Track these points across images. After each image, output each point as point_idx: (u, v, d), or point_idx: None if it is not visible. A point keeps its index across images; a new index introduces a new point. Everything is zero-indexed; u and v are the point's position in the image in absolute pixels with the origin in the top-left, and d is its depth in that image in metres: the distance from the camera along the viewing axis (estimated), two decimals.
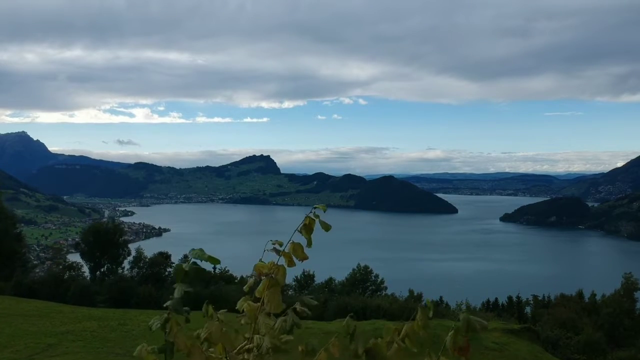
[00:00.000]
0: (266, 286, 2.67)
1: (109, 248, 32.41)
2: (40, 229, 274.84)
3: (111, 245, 32.50)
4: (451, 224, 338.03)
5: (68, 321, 21.39)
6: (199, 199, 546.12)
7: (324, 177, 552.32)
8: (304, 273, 43.64)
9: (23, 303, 25.80)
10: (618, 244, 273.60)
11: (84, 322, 21.02)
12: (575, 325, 28.12)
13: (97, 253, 32.49)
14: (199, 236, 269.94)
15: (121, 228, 35.50)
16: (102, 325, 20.43)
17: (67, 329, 19.68)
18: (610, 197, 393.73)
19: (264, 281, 2.66)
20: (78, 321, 21.32)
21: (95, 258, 32.53)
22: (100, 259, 32.62)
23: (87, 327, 20.15)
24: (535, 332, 18.93)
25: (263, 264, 2.73)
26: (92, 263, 32.63)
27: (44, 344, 17.84)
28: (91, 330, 19.58)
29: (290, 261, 2.72)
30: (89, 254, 32.56)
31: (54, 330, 19.74)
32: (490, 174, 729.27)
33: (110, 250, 32.45)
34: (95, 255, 32.48)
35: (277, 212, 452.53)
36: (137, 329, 19.97)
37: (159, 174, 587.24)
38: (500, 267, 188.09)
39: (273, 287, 2.68)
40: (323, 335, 17.40)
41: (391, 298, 31.06)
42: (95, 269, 32.70)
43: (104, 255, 32.59)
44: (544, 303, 45.30)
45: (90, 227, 33.82)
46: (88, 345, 17.93)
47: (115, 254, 32.59)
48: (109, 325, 20.44)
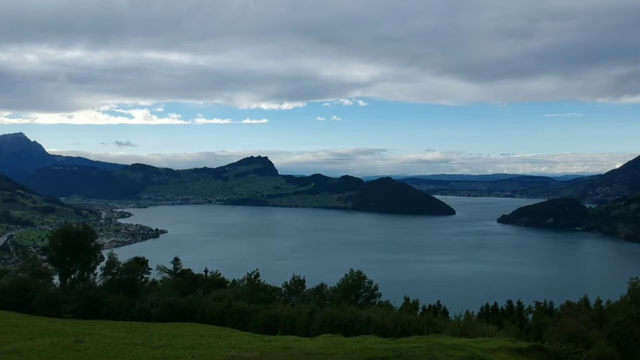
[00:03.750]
0: None
1: (80, 253, 30.09)
2: (36, 231, 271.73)
3: (82, 249, 30.17)
4: (448, 226, 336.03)
5: (20, 337, 19.01)
6: (196, 200, 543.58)
7: (322, 179, 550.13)
8: (294, 278, 41.32)
9: None
10: (615, 245, 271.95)
11: (37, 339, 18.62)
12: (585, 337, 25.95)
13: (67, 258, 30.18)
14: (196, 238, 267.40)
15: (93, 231, 33.10)
16: (55, 342, 18.01)
17: (14, 348, 17.27)
18: (608, 199, 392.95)
19: None
20: (30, 337, 18.93)
21: (65, 264, 30.22)
22: (71, 264, 30.31)
23: (38, 344, 17.74)
24: (545, 352, 16.64)
25: None
26: (62, 269, 30.30)
27: None
28: (39, 349, 17.13)
29: None
30: (58, 260, 30.23)
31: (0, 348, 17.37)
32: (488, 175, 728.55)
33: (82, 255, 30.14)
34: (65, 261, 30.17)
35: (274, 213, 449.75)
36: (93, 347, 17.57)
37: (156, 176, 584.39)
38: (498, 269, 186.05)
39: None
40: (303, 357, 15.07)
41: (384, 308, 28.77)
42: (65, 275, 30.35)
43: (74, 261, 30.28)
44: (546, 309, 43.07)
45: (60, 230, 31.42)
46: None
47: (86, 259, 30.27)
48: (62, 342, 18.02)
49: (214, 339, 19.51)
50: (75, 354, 16.75)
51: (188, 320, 25.25)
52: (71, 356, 16.59)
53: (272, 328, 23.41)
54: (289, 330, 22.52)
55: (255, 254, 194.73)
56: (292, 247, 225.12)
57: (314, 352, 15.38)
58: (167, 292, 28.36)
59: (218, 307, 25.66)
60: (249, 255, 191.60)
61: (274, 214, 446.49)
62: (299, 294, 39.69)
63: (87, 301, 25.82)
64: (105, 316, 25.55)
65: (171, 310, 25.46)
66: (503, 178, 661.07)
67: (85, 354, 16.71)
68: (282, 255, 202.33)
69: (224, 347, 16.96)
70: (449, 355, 14.50)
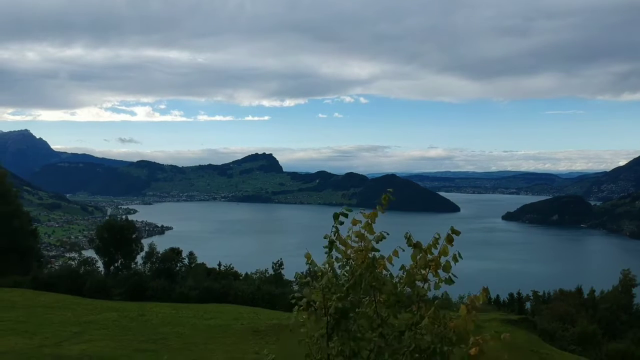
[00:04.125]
0: None
1: (123, 244, 33.59)
2: (43, 227, 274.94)
3: (125, 241, 33.68)
4: (453, 223, 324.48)
5: (89, 312, 22.55)
6: (201, 197, 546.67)
7: (326, 176, 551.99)
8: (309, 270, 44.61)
9: (43, 295, 26.95)
10: (620, 242, 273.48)
11: (105, 313, 22.16)
12: (573, 318, 29.09)
13: (111, 249, 33.68)
14: (202, 234, 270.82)
15: (134, 225, 36.68)
16: (122, 315, 21.59)
17: (90, 319, 20.82)
18: (613, 196, 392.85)
19: None
20: (98, 312, 22.47)
21: (110, 253, 33.72)
22: (115, 254, 33.81)
23: (109, 317, 21.29)
24: (532, 323, 19.97)
25: None
26: (107, 258, 33.82)
27: (70, 332, 18.98)
28: (112, 320, 20.73)
29: None
30: (103, 250, 33.74)
31: (77, 320, 20.88)
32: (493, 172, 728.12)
33: (124, 246, 33.62)
34: (110, 251, 33.67)
35: (280, 210, 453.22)
36: (155, 319, 21.11)
37: (161, 172, 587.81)
38: (503, 266, 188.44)
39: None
40: None
41: None
42: (109, 264, 33.88)
43: (117, 251, 33.77)
44: (543, 299, 46.31)
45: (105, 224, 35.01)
46: (111, 333, 19.07)
47: (129, 250, 33.76)
48: (128, 315, 21.59)
49: (252, 314, 23.01)
50: (143, 324, 20.29)
51: (223, 302, 28.74)
52: (140, 325, 20.12)
53: None
54: None
55: (262, 250, 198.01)
56: (298, 244, 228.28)
57: None
58: (201, 278, 31.87)
59: (249, 289, 29.13)
60: (255, 251, 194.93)
61: (279, 211, 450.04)
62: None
63: (133, 285, 29.33)
64: (150, 298, 29.05)
65: (208, 293, 28.98)
66: (507, 175, 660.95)
67: (151, 323, 20.24)
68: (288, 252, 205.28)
69: (264, 318, 20.42)
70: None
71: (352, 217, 3.87)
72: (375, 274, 3.51)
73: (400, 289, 3.54)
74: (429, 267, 3.61)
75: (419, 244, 3.54)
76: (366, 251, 3.49)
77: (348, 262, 3.66)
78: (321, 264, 3.90)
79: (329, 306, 3.42)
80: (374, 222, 3.75)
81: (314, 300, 3.51)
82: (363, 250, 3.52)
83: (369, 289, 3.51)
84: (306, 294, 3.51)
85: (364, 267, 3.52)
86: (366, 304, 3.55)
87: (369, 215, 3.71)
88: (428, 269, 3.60)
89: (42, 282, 30.19)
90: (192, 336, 19.20)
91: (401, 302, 3.52)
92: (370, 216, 3.70)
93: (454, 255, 3.78)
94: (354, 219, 3.80)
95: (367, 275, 3.49)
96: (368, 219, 3.70)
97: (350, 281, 3.52)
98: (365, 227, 3.68)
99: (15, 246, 35.19)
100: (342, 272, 3.74)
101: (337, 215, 3.69)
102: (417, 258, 3.55)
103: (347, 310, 3.41)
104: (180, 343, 18.32)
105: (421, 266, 3.52)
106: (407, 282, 3.59)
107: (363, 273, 3.50)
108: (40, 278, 30.88)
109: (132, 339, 18.39)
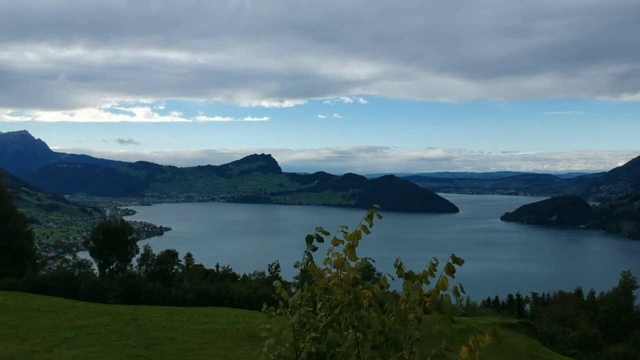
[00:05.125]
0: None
1: (118, 246, 33.26)
2: (41, 228, 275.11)
3: (120, 243, 33.35)
4: (452, 223, 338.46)
5: (82, 316, 22.16)
6: (200, 198, 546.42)
7: (325, 176, 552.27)
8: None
9: (37, 299, 26.53)
10: (619, 243, 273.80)
11: (98, 317, 21.78)
12: (573, 321, 28.81)
13: (106, 251, 33.34)
14: (201, 235, 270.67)
15: (130, 226, 36.37)
16: (116, 319, 21.21)
17: (82, 324, 20.45)
18: (612, 197, 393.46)
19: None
20: (92, 316, 22.09)
21: (105, 256, 33.37)
22: (110, 256, 33.46)
23: (101, 321, 20.92)
24: (532, 327, 19.66)
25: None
26: (101, 260, 33.47)
27: (62, 337, 18.61)
28: (105, 324, 20.37)
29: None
30: (98, 252, 33.41)
31: (69, 324, 20.51)
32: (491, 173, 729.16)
33: (119, 248, 33.29)
34: (105, 253, 33.32)
35: (279, 211, 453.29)
36: (149, 323, 20.75)
37: (160, 173, 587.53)
38: (501, 267, 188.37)
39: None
40: None
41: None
42: (104, 266, 33.53)
43: (113, 253, 33.43)
44: (543, 301, 46.02)
45: (100, 226, 34.71)
46: (104, 339, 18.71)
47: (124, 252, 33.42)
48: (122, 319, 21.22)
49: (248, 317, 22.65)
50: (136, 328, 19.92)
51: (219, 305, 28.39)
52: (133, 329, 19.76)
53: None
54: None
55: (261, 251, 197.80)
56: (297, 244, 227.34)
57: None
58: (198, 281, 31.53)
59: (246, 292, 28.81)
60: (254, 252, 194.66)
61: (278, 212, 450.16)
62: None
63: (128, 288, 28.97)
64: (145, 301, 28.67)
65: (204, 296, 28.65)
66: (506, 176, 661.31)
67: (144, 327, 19.88)
68: (288, 252, 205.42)
69: (261, 323, 20.03)
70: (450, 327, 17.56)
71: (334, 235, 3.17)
72: (358, 314, 2.76)
73: (389, 326, 2.77)
74: (423, 304, 2.84)
75: (412, 275, 2.85)
76: (347, 284, 2.79)
77: (325, 297, 2.88)
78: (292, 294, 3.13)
79: (301, 349, 2.76)
80: (356, 244, 2.98)
81: (284, 337, 2.85)
82: (343, 282, 2.82)
83: (350, 329, 2.75)
84: (274, 332, 2.86)
85: (344, 305, 2.74)
86: (347, 345, 2.75)
87: (352, 236, 2.92)
88: (423, 306, 2.86)
89: (37, 284, 29.81)
90: (186, 341, 18.86)
91: (390, 340, 2.76)
92: (353, 237, 2.92)
93: (454, 288, 3.01)
94: (334, 238, 3.07)
95: (349, 315, 2.74)
96: (350, 241, 2.92)
97: (328, 319, 2.79)
98: (347, 251, 2.91)
99: (9, 248, 34.85)
100: (319, 305, 2.98)
101: (310, 238, 2.98)
102: (409, 291, 2.85)
103: (322, 355, 2.69)
104: (173, 348, 17.98)
105: (414, 302, 2.83)
106: (397, 319, 2.86)
107: (343, 312, 2.76)
108: (34, 280, 30.50)
109: (124, 344, 18.05)
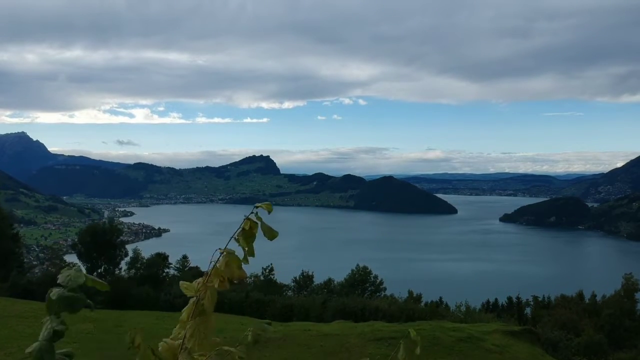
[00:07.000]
0: (190, 314, 1.88)
1: (106, 249, 32.27)
2: (39, 230, 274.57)
3: (108, 246, 32.36)
4: (451, 224, 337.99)
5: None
6: (198, 199, 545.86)
7: (324, 178, 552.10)
8: (302, 274, 43.44)
9: (19, 304, 25.55)
10: (618, 244, 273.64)
11: (79, 324, 20.77)
12: (576, 326, 27.92)
13: (94, 254, 32.36)
14: (199, 236, 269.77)
15: (119, 229, 35.39)
16: (98, 327, 20.22)
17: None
18: (610, 198, 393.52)
19: (187, 307, 1.90)
20: (73, 323, 21.10)
21: (92, 259, 32.39)
22: (98, 259, 32.48)
23: (83, 329, 19.93)
24: (535, 334, 18.72)
25: (188, 284, 1.95)
26: (89, 264, 32.49)
27: None
28: (87, 332, 19.37)
29: (222, 282, 1.92)
30: (86, 255, 32.42)
31: None
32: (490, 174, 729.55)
33: (108, 251, 32.31)
34: (92, 256, 32.35)
35: (277, 212, 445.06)
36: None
37: (158, 175, 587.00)
38: (500, 268, 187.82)
39: (200, 316, 1.87)
40: (321, 337, 17.20)
41: (390, 299, 30.91)
42: (92, 269, 32.51)
43: (101, 256, 32.45)
44: (544, 304, 45.13)
45: (88, 228, 33.69)
46: (84, 347, 17.72)
47: (112, 255, 32.44)
48: (105, 327, 20.23)
49: (237, 324, 21.65)
50: (118, 336, 18.90)
51: None
52: (115, 337, 18.74)
53: (287, 316, 25.58)
54: (303, 318, 24.67)
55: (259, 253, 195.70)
56: (295, 246, 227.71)
57: (331, 334, 17.52)
58: None
59: (237, 297, 27.85)
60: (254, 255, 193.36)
61: (277, 213, 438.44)
62: (307, 289, 41.84)
63: (116, 293, 27.99)
64: (133, 307, 27.70)
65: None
66: (505, 177, 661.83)
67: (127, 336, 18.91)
68: (286, 254, 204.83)
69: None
70: (449, 336, 16.59)
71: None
72: None
73: None
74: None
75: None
76: None
77: None
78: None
79: None
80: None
81: None
82: None
83: None
84: None
85: None
86: None
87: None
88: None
89: (21, 289, 28.83)
90: None
91: None
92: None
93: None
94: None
95: None
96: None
97: None
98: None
99: None
100: None
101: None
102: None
103: None
104: (156, 358, 16.99)
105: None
106: None
107: None
108: (19, 284, 29.52)
109: (103, 354, 17.08)
